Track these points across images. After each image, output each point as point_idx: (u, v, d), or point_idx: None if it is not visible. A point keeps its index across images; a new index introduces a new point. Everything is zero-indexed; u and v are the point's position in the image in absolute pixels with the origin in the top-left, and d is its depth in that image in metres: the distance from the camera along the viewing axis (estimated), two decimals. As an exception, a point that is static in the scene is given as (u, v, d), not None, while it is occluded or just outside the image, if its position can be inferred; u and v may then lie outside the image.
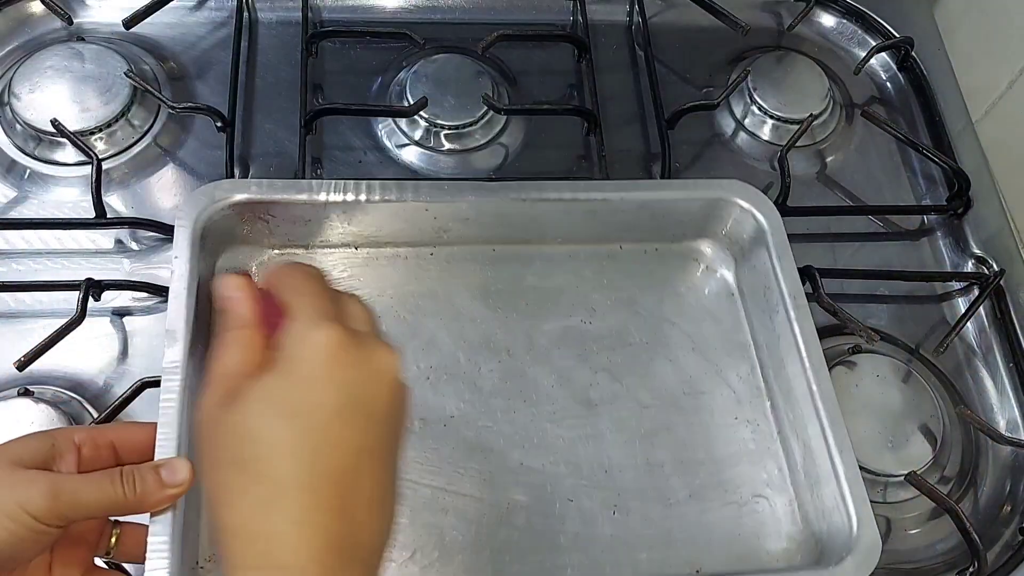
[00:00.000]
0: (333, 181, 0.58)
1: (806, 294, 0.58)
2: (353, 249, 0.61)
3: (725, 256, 0.64)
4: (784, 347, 0.57)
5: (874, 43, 0.80)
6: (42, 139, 0.66)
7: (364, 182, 0.58)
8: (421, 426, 0.56)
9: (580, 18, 0.77)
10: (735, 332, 0.62)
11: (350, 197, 0.57)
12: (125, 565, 0.53)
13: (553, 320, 0.60)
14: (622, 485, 0.56)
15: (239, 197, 0.56)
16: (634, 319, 0.61)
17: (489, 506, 0.54)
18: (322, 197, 0.57)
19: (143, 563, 0.42)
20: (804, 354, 0.56)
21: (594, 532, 0.54)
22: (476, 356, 0.59)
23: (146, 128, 0.69)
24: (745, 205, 0.61)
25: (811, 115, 0.73)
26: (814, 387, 0.55)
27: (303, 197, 0.57)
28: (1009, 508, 0.62)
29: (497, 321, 0.60)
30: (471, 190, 0.59)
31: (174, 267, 0.52)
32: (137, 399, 0.56)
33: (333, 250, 0.61)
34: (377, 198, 0.57)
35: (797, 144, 0.71)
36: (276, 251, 0.60)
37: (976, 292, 0.69)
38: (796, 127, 0.72)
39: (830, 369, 0.57)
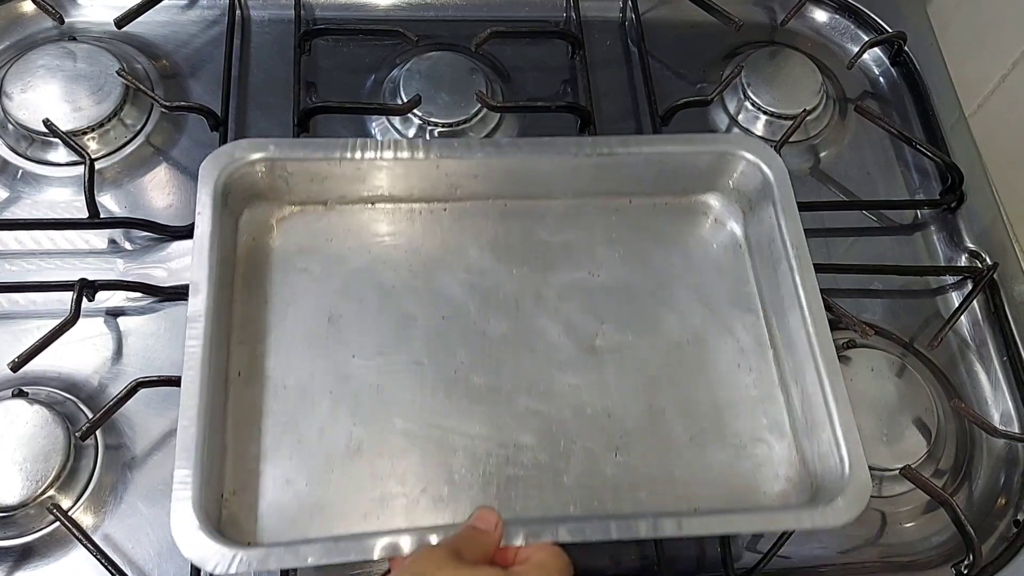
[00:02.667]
0: (348, 139, 0.59)
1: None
2: (369, 206, 0.62)
3: (733, 209, 0.65)
4: (786, 298, 0.58)
5: (867, 38, 0.80)
6: (34, 139, 0.66)
7: (377, 140, 0.59)
8: (433, 373, 0.57)
9: (573, 14, 0.77)
10: (741, 284, 0.63)
11: (364, 155, 0.59)
12: (123, 567, 0.53)
13: (561, 273, 0.62)
14: (625, 429, 0.57)
15: (258, 155, 0.58)
16: (641, 272, 0.62)
17: (497, 446, 0.56)
18: (337, 155, 0.59)
19: None
20: (804, 305, 0.57)
21: (596, 472, 0.55)
22: (486, 307, 0.60)
23: (139, 127, 0.69)
24: (751, 158, 0.62)
25: (804, 110, 0.73)
26: (813, 337, 0.56)
27: (319, 155, 0.59)
28: (1004, 501, 0.63)
29: (506, 274, 0.61)
30: (480, 147, 0.61)
31: (197, 223, 0.55)
32: (132, 399, 0.56)
33: (350, 206, 0.62)
34: (390, 155, 0.59)
35: (791, 139, 0.71)
36: (295, 207, 0.61)
37: (970, 286, 0.69)
38: (790, 122, 0.72)
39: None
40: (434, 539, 0.47)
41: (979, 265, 0.70)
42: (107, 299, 0.62)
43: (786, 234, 0.59)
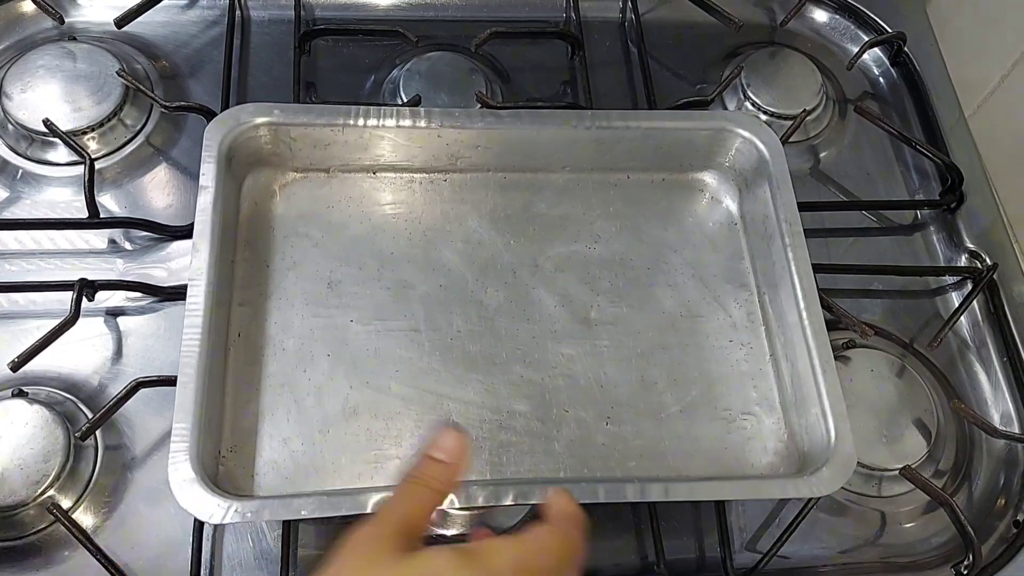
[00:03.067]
0: (351, 106, 0.60)
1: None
2: (371, 174, 0.63)
3: (730, 187, 0.66)
4: (779, 273, 0.59)
5: (867, 38, 0.80)
6: (34, 139, 0.66)
7: (379, 107, 0.60)
8: (430, 339, 0.58)
9: (573, 15, 0.77)
10: (735, 260, 0.64)
11: (367, 122, 0.60)
12: (123, 567, 0.53)
13: (558, 245, 0.63)
14: (616, 399, 0.58)
15: (262, 120, 0.59)
16: (637, 246, 0.64)
17: (490, 412, 0.57)
18: (340, 121, 0.60)
19: None
20: (796, 281, 0.58)
21: (587, 440, 0.56)
22: (483, 277, 0.61)
23: (139, 127, 0.69)
24: (747, 135, 0.63)
25: (804, 111, 0.73)
26: (804, 314, 0.57)
27: (322, 121, 0.60)
28: (1003, 501, 0.63)
29: (504, 245, 0.63)
30: (480, 117, 0.62)
31: (201, 184, 0.55)
32: (132, 399, 0.56)
33: (352, 174, 0.63)
34: (392, 123, 0.60)
35: (790, 140, 0.71)
36: (298, 174, 0.63)
37: (969, 286, 0.69)
38: (789, 123, 0.72)
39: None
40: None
41: (979, 266, 0.70)
42: (107, 299, 0.62)
43: (780, 210, 0.60)
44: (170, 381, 0.55)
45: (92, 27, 0.73)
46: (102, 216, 0.63)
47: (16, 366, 0.55)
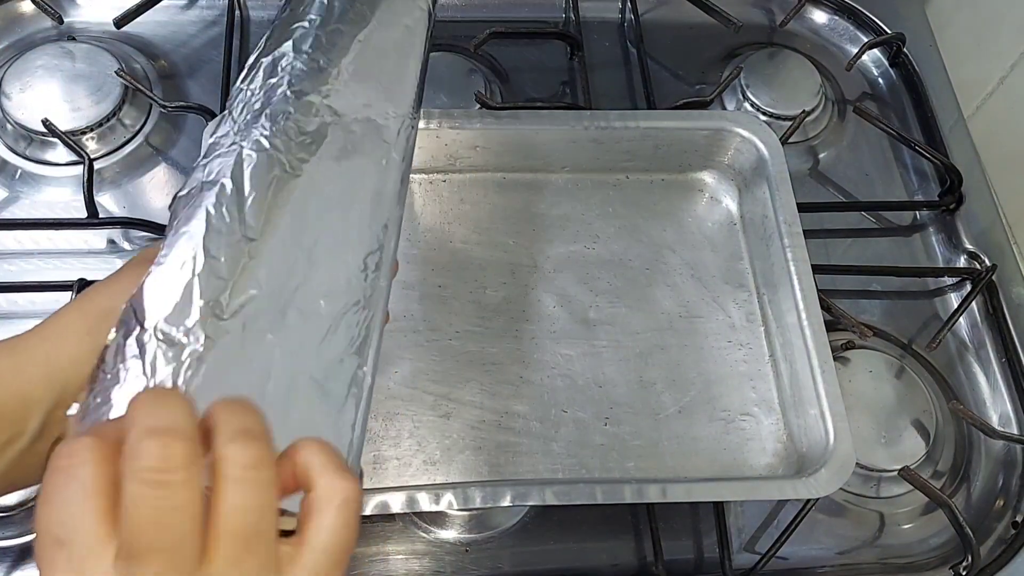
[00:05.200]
0: None
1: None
2: None
3: (729, 186, 0.66)
4: (778, 274, 0.60)
5: (866, 39, 0.80)
6: (33, 139, 0.66)
7: None
8: (429, 339, 0.58)
9: (572, 15, 0.77)
10: (735, 261, 0.64)
11: None
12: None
13: (558, 245, 0.63)
14: (615, 399, 0.58)
15: None
16: (636, 246, 0.64)
17: (489, 412, 0.57)
18: None
19: None
20: (795, 281, 0.58)
21: (586, 440, 0.57)
22: (482, 277, 0.61)
23: (138, 127, 0.69)
24: (746, 134, 0.63)
25: (803, 111, 0.73)
26: (803, 314, 0.57)
27: None
28: (1002, 502, 0.63)
29: (503, 245, 0.63)
30: (479, 117, 0.62)
31: None
32: (131, 399, 0.56)
33: None
34: None
35: (790, 140, 0.71)
36: None
37: (968, 287, 0.69)
38: (789, 123, 0.72)
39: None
40: (424, 499, 0.48)
41: (977, 267, 0.70)
42: (106, 299, 0.62)
43: (779, 211, 0.60)
44: (169, 381, 0.55)
45: (91, 27, 0.73)
46: (101, 216, 0.63)
47: (15, 366, 0.55)
